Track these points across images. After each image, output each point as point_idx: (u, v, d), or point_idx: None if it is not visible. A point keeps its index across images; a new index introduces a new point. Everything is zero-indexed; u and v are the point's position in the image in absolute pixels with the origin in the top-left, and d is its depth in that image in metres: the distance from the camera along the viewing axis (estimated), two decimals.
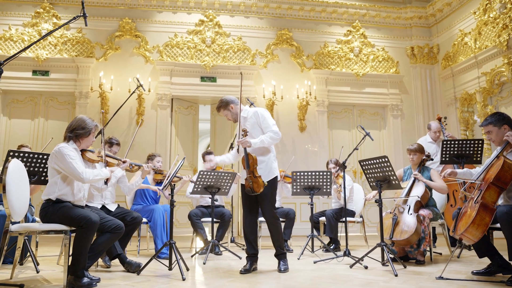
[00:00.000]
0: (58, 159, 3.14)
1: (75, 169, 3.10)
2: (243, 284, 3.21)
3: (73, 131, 3.31)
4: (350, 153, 4.80)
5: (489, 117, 3.64)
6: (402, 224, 4.23)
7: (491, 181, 3.35)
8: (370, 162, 4.13)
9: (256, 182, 3.65)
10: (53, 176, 3.20)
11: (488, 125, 3.61)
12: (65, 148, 3.18)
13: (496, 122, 3.57)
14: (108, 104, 7.45)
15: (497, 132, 3.56)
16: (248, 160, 3.69)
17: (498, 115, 3.62)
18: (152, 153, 5.16)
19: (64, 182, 3.20)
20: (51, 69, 7.41)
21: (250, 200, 3.90)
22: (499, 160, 3.41)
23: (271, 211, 3.82)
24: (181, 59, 7.91)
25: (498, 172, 3.33)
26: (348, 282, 3.30)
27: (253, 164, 3.70)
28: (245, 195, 3.92)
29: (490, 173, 3.44)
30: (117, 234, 3.34)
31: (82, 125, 3.32)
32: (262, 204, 3.83)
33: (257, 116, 3.88)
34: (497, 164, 3.40)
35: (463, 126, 8.00)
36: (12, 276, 3.31)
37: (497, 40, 7.04)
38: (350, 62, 8.58)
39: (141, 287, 3.06)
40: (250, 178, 3.67)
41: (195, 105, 8.35)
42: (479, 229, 3.29)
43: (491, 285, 3.16)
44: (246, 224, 3.90)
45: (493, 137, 3.60)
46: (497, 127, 3.56)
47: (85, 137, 3.35)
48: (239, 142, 3.72)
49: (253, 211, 3.92)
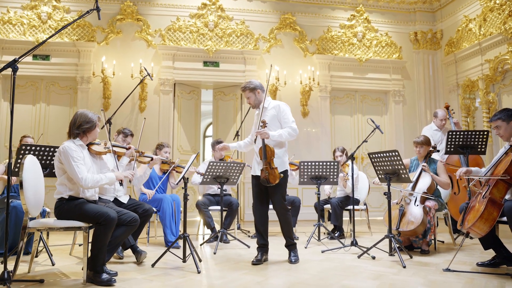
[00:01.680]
0: (63, 159, 3.11)
1: (76, 174, 3.05)
2: (257, 277, 3.28)
3: (80, 127, 3.25)
4: (359, 145, 4.85)
5: (498, 113, 3.70)
6: (409, 215, 4.32)
7: (500, 177, 3.42)
8: (380, 155, 4.18)
9: (272, 174, 3.72)
10: (61, 175, 3.18)
11: (497, 120, 3.67)
12: (69, 149, 3.11)
13: (505, 118, 3.63)
14: (110, 89, 7.39)
15: (506, 127, 3.62)
16: (266, 151, 3.74)
17: (507, 110, 3.68)
18: (161, 143, 5.16)
19: (72, 181, 3.17)
20: (52, 53, 7.30)
21: (261, 192, 3.96)
22: (508, 156, 3.47)
23: (282, 203, 3.89)
24: (184, 43, 7.81)
25: (507, 168, 3.39)
26: (358, 274, 3.39)
27: (270, 155, 3.76)
28: (256, 186, 3.97)
29: (498, 169, 3.50)
30: (133, 226, 3.38)
31: (87, 120, 3.28)
32: (274, 195, 3.89)
33: (278, 110, 3.91)
34: (505, 160, 3.46)
35: (464, 112, 8.05)
36: (30, 269, 3.36)
37: (503, 27, 7.01)
38: (353, 47, 8.52)
39: (158, 281, 3.13)
40: (267, 169, 3.73)
41: (197, 89, 8.31)
42: (486, 224, 3.37)
43: (497, 278, 3.27)
44: (257, 215, 3.96)
45: (501, 132, 3.66)
46: (506, 122, 3.63)
47: (91, 130, 3.32)
48: (258, 133, 3.76)
49: (264, 202, 3.99)
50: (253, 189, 4.02)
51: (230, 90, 8.23)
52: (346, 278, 3.26)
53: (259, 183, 3.94)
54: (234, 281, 3.17)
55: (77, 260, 3.93)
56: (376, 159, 4.25)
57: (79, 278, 3.19)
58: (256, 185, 3.98)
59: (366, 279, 3.24)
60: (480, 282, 3.14)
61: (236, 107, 8.20)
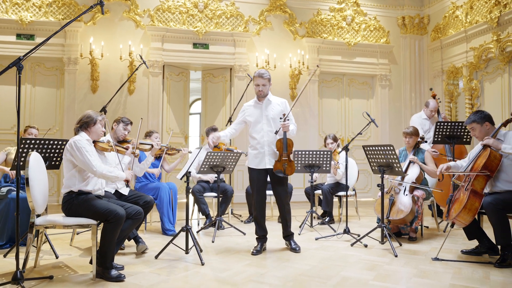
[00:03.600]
0: (74, 152, 3.16)
1: (89, 162, 3.15)
2: (260, 269, 3.44)
3: (80, 121, 3.40)
4: (354, 137, 4.99)
5: (472, 115, 3.95)
6: (399, 204, 4.53)
7: (480, 170, 3.68)
8: (375, 149, 4.33)
9: (290, 166, 3.97)
10: (70, 169, 3.23)
11: (472, 123, 3.92)
12: (79, 141, 3.20)
13: (479, 120, 3.87)
14: (98, 70, 7.25)
15: (480, 129, 3.88)
16: (287, 144, 3.95)
17: (480, 113, 3.92)
18: (150, 130, 5.17)
19: (82, 173, 3.24)
20: (37, 33, 7.05)
21: (263, 185, 4.09)
22: (486, 151, 3.74)
23: (287, 195, 4.11)
24: (173, 24, 7.67)
25: (486, 161, 3.67)
26: (354, 264, 3.59)
27: (290, 148, 3.97)
28: (258, 180, 4.06)
29: (478, 162, 3.76)
30: (138, 220, 3.45)
31: (87, 115, 3.42)
32: (281, 187, 4.06)
33: (285, 107, 4.12)
34: (484, 154, 3.74)
35: (447, 98, 8.29)
36: (36, 264, 3.41)
37: (488, 16, 7.16)
38: (342, 31, 8.56)
39: (165, 275, 3.24)
40: (286, 162, 3.92)
41: (186, 71, 8.23)
42: (470, 214, 3.64)
43: (481, 267, 3.52)
44: (259, 209, 4.08)
45: (476, 133, 3.92)
46: (480, 124, 3.87)
47: (92, 125, 3.39)
48: (283, 126, 3.91)
49: (264, 195, 4.15)
50: (255, 183, 4.08)
51: (219, 72, 8.19)
52: (344, 269, 3.45)
53: (261, 176, 4.05)
54: (239, 273, 3.31)
55: (79, 251, 4.00)
56: (370, 152, 4.40)
57: (86, 272, 3.27)
58: (258, 179, 4.07)
59: (362, 270, 3.44)
60: (467, 272, 3.38)
61: (225, 90, 8.19)
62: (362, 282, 3.12)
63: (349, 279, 3.18)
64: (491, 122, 3.86)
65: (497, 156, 3.66)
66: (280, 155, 3.96)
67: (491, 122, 3.86)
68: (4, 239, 4.03)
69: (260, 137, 4.04)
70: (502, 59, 7.05)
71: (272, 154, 4.03)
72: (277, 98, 4.17)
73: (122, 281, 3.05)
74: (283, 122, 3.93)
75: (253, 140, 4.10)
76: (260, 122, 4.06)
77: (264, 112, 4.07)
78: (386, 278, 3.22)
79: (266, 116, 4.05)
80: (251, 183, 4.14)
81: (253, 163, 4.09)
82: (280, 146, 3.96)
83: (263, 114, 4.06)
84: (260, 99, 4.10)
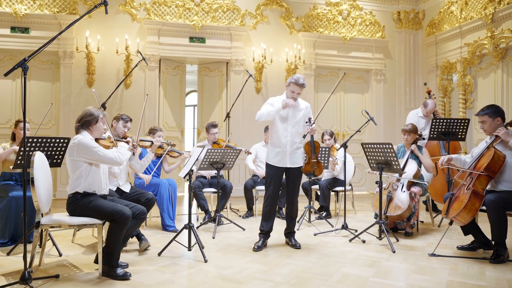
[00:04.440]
0: (83, 152, 3.16)
1: (106, 156, 3.21)
2: (262, 266, 3.51)
3: (81, 120, 3.34)
4: (352, 135, 5.05)
5: (485, 108, 3.94)
6: (396, 200, 4.62)
7: (482, 170, 3.73)
8: (373, 146, 4.40)
9: (319, 167, 4.20)
10: (76, 169, 3.22)
11: (484, 115, 3.92)
12: (84, 139, 3.19)
13: (492, 114, 3.88)
14: (94, 64, 7.20)
15: (491, 123, 3.89)
16: (316, 147, 4.16)
17: (494, 107, 3.92)
18: (154, 127, 5.16)
19: (88, 174, 3.23)
20: (32, 26, 6.97)
21: (279, 181, 4.18)
22: (490, 150, 3.78)
23: (298, 195, 4.22)
24: (169, 18, 7.62)
25: (489, 163, 3.70)
26: (354, 261, 3.68)
27: (318, 150, 4.18)
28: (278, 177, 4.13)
29: (481, 162, 3.80)
30: (142, 219, 3.50)
31: (89, 113, 3.36)
32: (296, 185, 4.20)
33: (308, 111, 4.24)
34: (488, 155, 3.76)
35: (441, 93, 8.39)
36: (41, 262, 3.44)
37: (483, 12, 7.24)
38: (338, 26, 8.58)
39: (170, 273, 3.29)
40: (315, 163, 4.13)
41: (182, 65, 8.21)
42: (469, 214, 3.71)
43: (477, 263, 3.64)
44: (272, 204, 4.15)
45: (486, 126, 3.92)
46: (492, 118, 3.88)
47: (93, 124, 3.36)
48: (311, 130, 4.07)
49: (278, 191, 4.24)
50: (273, 179, 4.13)
51: (216, 66, 8.18)
52: (344, 266, 3.53)
53: (280, 173, 4.15)
54: (242, 270, 3.38)
55: (81, 249, 4.03)
56: (368, 149, 4.47)
57: (91, 271, 3.31)
58: (276, 175, 4.13)
59: (362, 266, 3.52)
60: (463, 268, 3.49)
61: (221, 84, 8.19)
62: (363, 279, 3.20)
63: (349, 276, 3.26)
64: (503, 118, 3.88)
65: (500, 157, 3.69)
66: (309, 157, 4.15)
67: (502, 119, 3.88)
68: (6, 237, 4.04)
69: (284, 137, 4.10)
70: (495, 55, 7.15)
71: (293, 154, 4.11)
72: (302, 101, 4.25)
73: (128, 280, 3.10)
74: (310, 126, 4.05)
75: (276, 138, 4.13)
76: (287, 122, 4.11)
77: (291, 114, 4.12)
78: (386, 275, 3.31)
79: (294, 118, 4.12)
80: (267, 178, 4.19)
81: (273, 161, 4.15)
82: (309, 149, 4.16)
83: (291, 115, 4.11)
84: (294, 102, 4.10)
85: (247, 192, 5.85)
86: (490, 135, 3.97)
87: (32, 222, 4.10)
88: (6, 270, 3.31)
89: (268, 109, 4.06)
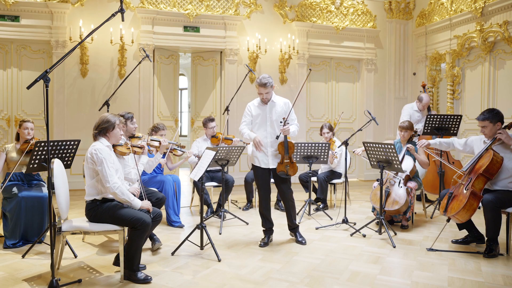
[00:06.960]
0: (96, 163, 3.19)
1: (106, 177, 3.16)
2: (275, 265, 3.68)
3: (98, 127, 3.37)
4: (353, 133, 5.20)
5: (486, 113, 4.10)
6: (394, 196, 4.85)
7: (481, 172, 3.95)
8: (375, 145, 4.56)
9: (292, 167, 4.17)
10: (93, 176, 3.26)
11: (484, 121, 4.08)
12: (102, 150, 3.20)
13: (492, 119, 4.05)
14: (87, 54, 7.08)
15: (492, 127, 4.07)
16: (289, 147, 4.12)
17: (495, 112, 4.08)
18: (157, 125, 5.14)
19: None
20: (22, 14, 6.75)
21: (267, 182, 4.30)
22: (488, 152, 3.99)
23: (291, 192, 4.31)
24: (163, 6, 7.51)
25: (488, 165, 3.91)
26: (359, 257, 3.89)
27: (291, 150, 4.14)
28: (262, 176, 4.26)
29: (480, 163, 4.01)
30: (158, 221, 3.59)
31: (105, 120, 3.38)
32: (284, 185, 4.27)
33: (288, 107, 4.21)
34: (487, 157, 3.97)
35: (430, 83, 8.61)
36: (59, 266, 3.50)
37: (473, 5, 7.41)
38: (331, 15, 8.63)
39: (189, 274, 3.42)
40: (288, 164, 4.11)
41: (175, 54, 8.14)
42: (468, 213, 3.94)
43: (472, 258, 3.91)
44: (263, 204, 4.30)
45: (486, 131, 4.09)
46: (492, 123, 4.06)
47: (111, 130, 3.39)
48: (283, 130, 4.03)
49: (269, 191, 4.35)
50: (260, 179, 4.29)
51: (210, 55, 8.15)
52: (351, 263, 3.74)
53: (265, 173, 4.25)
54: (256, 270, 3.54)
55: (94, 249, 4.11)
56: (370, 148, 4.64)
57: (111, 273, 3.41)
58: (262, 175, 4.27)
59: (368, 263, 3.74)
60: (460, 263, 3.75)
61: (215, 73, 8.18)
62: (371, 276, 3.41)
63: (358, 274, 3.47)
64: (502, 122, 4.06)
65: (498, 160, 3.90)
66: (282, 157, 4.15)
67: (502, 123, 4.06)
68: (17, 237, 4.08)
69: (264, 138, 4.20)
70: (484, 49, 7.37)
71: (275, 155, 4.21)
72: (280, 98, 4.28)
73: (149, 283, 3.21)
74: (282, 126, 4.06)
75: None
76: (264, 124, 4.20)
77: (268, 114, 4.20)
78: (391, 272, 3.53)
79: (270, 119, 4.19)
80: (256, 179, 4.35)
81: (257, 162, 4.27)
82: (282, 149, 4.14)
83: (267, 116, 4.19)
84: (267, 102, 4.21)
85: (247, 185, 5.99)
86: (490, 138, 4.13)
87: (44, 222, 4.17)
88: (27, 274, 3.37)
89: (246, 132, 4.21)
